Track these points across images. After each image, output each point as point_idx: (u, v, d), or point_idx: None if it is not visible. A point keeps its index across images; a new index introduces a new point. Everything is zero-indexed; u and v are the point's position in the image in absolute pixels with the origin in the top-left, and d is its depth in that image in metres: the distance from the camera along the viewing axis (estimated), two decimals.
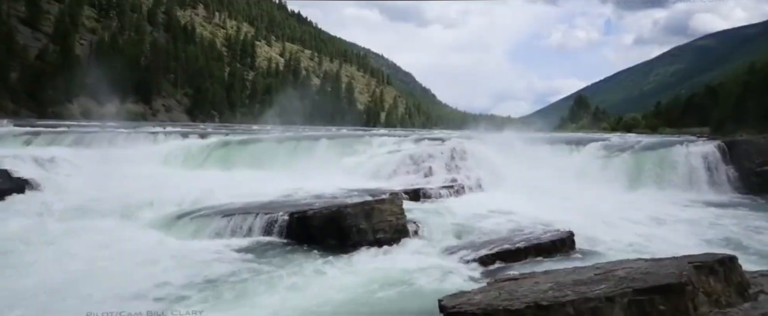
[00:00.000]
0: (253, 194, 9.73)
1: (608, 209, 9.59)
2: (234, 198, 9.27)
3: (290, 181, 12.11)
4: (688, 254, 3.63)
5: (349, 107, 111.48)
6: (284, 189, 10.64)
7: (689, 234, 7.58)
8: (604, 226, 8.07)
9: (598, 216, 8.94)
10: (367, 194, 10.82)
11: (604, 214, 9.16)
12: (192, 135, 15.99)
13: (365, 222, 7.18)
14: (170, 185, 10.83)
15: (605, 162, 14.45)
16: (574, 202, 10.66)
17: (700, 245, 6.91)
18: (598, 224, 8.13)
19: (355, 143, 15.45)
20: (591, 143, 16.28)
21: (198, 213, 8.02)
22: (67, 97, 52.52)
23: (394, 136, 16.55)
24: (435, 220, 8.35)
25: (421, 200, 11.36)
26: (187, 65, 73.89)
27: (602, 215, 9.09)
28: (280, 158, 14.65)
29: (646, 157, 14.26)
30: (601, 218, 8.80)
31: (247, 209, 7.97)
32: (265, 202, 8.92)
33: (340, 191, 10.91)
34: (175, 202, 9.11)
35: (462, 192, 12.18)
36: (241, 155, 14.73)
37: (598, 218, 8.79)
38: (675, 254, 3.95)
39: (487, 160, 13.78)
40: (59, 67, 51.67)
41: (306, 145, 15.37)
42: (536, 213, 8.95)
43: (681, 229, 7.99)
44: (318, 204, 8.30)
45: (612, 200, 11.01)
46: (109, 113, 57.14)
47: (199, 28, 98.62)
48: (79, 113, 52.33)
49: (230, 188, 10.56)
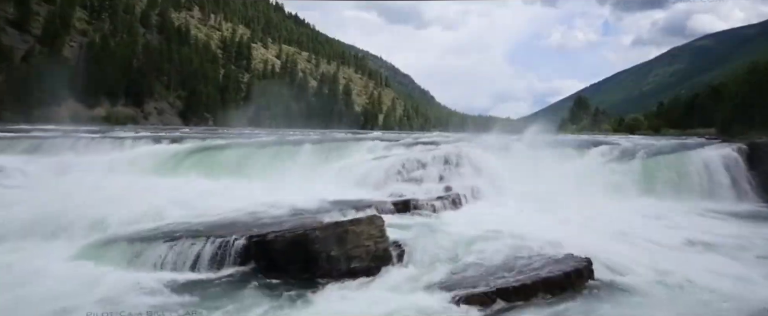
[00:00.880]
0: (218, 208, 8.47)
1: (624, 223, 8.35)
2: (195, 214, 8.03)
3: (266, 191, 10.87)
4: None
5: (346, 109, 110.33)
6: (256, 201, 9.39)
7: (735, 259, 6.27)
8: (624, 246, 6.83)
9: (613, 233, 7.71)
10: (350, 206, 9.58)
11: (620, 229, 7.92)
12: (165, 140, 14.73)
13: (337, 248, 5.92)
14: (128, 198, 9.54)
15: (613, 168, 13.20)
16: (583, 214, 9.43)
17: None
18: (615, 245, 6.89)
19: (342, 148, 14.20)
20: (597, 147, 15.06)
21: (143, 235, 6.76)
22: (54, 101, 51.11)
23: (385, 140, 15.32)
24: (424, 240, 7.10)
25: (412, 212, 10.11)
26: (181, 67, 72.63)
27: (618, 230, 7.85)
28: (259, 164, 13.40)
29: (659, 162, 13.03)
30: (618, 235, 7.57)
31: (198, 231, 6.71)
32: (227, 219, 7.67)
33: (320, 203, 9.67)
34: (125, 219, 7.82)
35: (457, 203, 10.93)
36: (217, 162, 13.47)
37: (614, 235, 7.56)
38: (739, 294, 2.70)
39: (484, 166, 12.54)
40: (46, 70, 50.31)
41: (288, 151, 14.12)
42: (542, 229, 7.72)
43: (720, 251, 6.69)
44: (287, 223, 7.05)
45: (625, 211, 9.77)
46: (98, 116, 55.88)
47: (194, 30, 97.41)
48: (67, 117, 50.92)
49: (196, 200, 9.31)
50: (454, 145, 13.68)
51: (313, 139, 14.91)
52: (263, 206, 8.93)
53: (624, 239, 7.12)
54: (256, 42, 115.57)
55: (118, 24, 74.96)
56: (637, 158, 13.22)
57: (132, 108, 61.14)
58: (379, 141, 14.77)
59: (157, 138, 15.05)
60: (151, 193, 10.17)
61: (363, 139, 15.20)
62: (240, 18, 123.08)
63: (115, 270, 5.91)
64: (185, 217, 7.86)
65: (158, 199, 9.39)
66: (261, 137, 17.16)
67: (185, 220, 7.66)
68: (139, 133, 17.73)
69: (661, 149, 14.01)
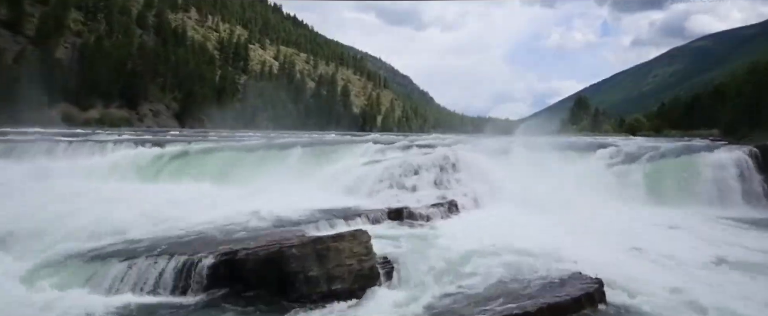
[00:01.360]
0: (193, 219, 7.83)
1: (635, 234, 7.68)
2: (166, 226, 7.37)
3: (250, 198, 10.20)
4: None
5: (344, 111, 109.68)
6: (237, 210, 8.74)
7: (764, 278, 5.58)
8: (638, 262, 6.17)
9: (624, 245, 7.04)
10: (338, 216, 8.93)
11: (632, 242, 7.25)
12: (147, 143, 14.03)
13: (317, 267, 5.26)
14: (99, 207, 8.89)
15: (618, 171, 12.56)
16: (589, 223, 8.77)
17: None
18: (628, 260, 6.22)
19: (333, 152, 13.53)
20: (600, 150, 14.42)
21: (105, 251, 6.09)
22: (46, 103, 50.36)
23: (379, 143, 14.64)
24: (416, 256, 6.44)
25: (405, 221, 9.46)
26: (177, 69, 71.87)
27: (630, 243, 7.18)
28: (245, 169, 12.73)
29: (666, 165, 12.39)
30: (630, 248, 6.89)
31: (165, 247, 6.04)
32: (200, 231, 7.01)
33: (305, 213, 9.02)
34: (89, 231, 7.15)
35: (454, 211, 10.28)
36: (201, 167, 12.79)
37: (626, 248, 6.89)
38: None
39: (482, 170, 11.88)
40: (39, 71, 49.54)
41: (276, 155, 13.45)
42: (545, 241, 7.05)
43: (750, 269, 5.98)
44: (265, 237, 6.38)
45: (635, 219, 9.12)
46: (92, 119, 55.13)
47: (191, 32, 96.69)
48: (59, 119, 50.20)
49: (171, 210, 8.64)
50: (450, 148, 13.02)
51: (303, 143, 14.23)
52: (243, 215, 8.28)
53: (637, 254, 6.46)
54: (253, 43, 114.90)
55: (114, 25, 74.18)
56: (643, 161, 12.57)
57: (126, 110, 60.34)
58: (372, 144, 14.09)
59: (140, 142, 14.36)
60: (125, 201, 9.50)
61: (355, 142, 14.52)
62: (237, 19, 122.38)
63: (67, 292, 5.25)
64: (154, 230, 7.19)
65: (131, 208, 8.73)
66: (249, 140, 16.47)
67: (153, 233, 6.99)
68: (121, 136, 17.05)
69: (667, 152, 13.36)
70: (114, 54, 61.55)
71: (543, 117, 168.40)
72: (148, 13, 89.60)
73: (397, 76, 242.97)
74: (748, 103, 32.06)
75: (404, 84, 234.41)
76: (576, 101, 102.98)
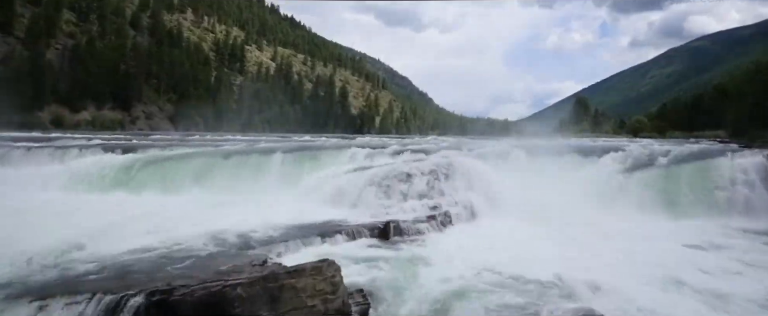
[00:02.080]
0: (143, 240, 6.74)
1: (660, 256, 6.57)
2: (104, 252, 6.27)
3: (221, 211, 9.15)
4: None
5: (342, 112, 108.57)
6: (200, 227, 7.68)
7: None
8: (676, 299, 5.02)
9: (651, 273, 5.85)
10: (315, 232, 7.87)
11: (658, 266, 6.12)
12: (118, 149, 12.92)
13: (268, 311, 4.18)
14: (47, 221, 7.84)
15: (628, 178, 11.49)
16: (602, 241, 7.71)
17: None
18: (664, 296, 5.07)
19: (319, 157, 12.46)
20: (607, 154, 13.36)
21: (14, 288, 5.00)
22: (36, 105, 49.30)
23: (369, 147, 13.57)
24: (401, 287, 5.40)
25: (392, 237, 8.40)
26: (172, 70, 70.78)
27: (656, 269, 6.03)
28: (221, 177, 11.66)
29: (681, 172, 11.32)
30: (661, 277, 5.71)
31: (91, 281, 4.96)
32: (145, 256, 5.92)
33: (279, 228, 7.98)
34: (21, 253, 6.08)
35: (447, 224, 9.22)
36: (172, 175, 11.71)
37: (655, 277, 5.69)
38: None
39: (479, 177, 10.82)
40: (28, 73, 48.48)
41: (256, 161, 12.38)
42: (553, 264, 6.00)
43: None
44: (215, 267, 5.32)
45: (654, 237, 8.04)
46: (83, 121, 54.04)
47: (186, 33, 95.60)
48: (49, 121, 49.15)
49: (125, 226, 7.60)
50: (444, 153, 11.97)
51: (285, 148, 13.17)
52: (206, 234, 7.20)
53: (672, 286, 5.31)
54: (250, 44, 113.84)
55: (107, 26, 73.11)
56: (656, 167, 11.50)
57: (119, 112, 59.25)
58: (361, 149, 13.03)
59: (110, 147, 13.28)
60: (77, 216, 8.44)
61: (342, 147, 13.46)
62: (234, 20, 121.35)
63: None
64: (96, 253, 6.09)
65: (81, 224, 7.69)
66: (229, 145, 15.39)
67: (94, 257, 5.90)
68: (91, 140, 15.98)
69: (680, 157, 12.30)
70: (106, 55, 60.47)
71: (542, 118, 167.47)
72: (142, 14, 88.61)
73: (396, 77, 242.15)
74: (754, 104, 31.16)
75: (403, 85, 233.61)
76: (575, 102, 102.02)
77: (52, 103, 51.90)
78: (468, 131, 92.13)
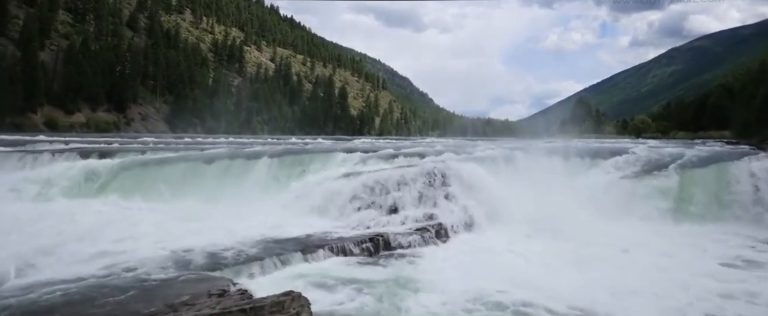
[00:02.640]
0: (100, 261, 5.99)
1: (694, 279, 5.68)
2: (54, 270, 5.54)
3: (197, 222, 8.41)
4: None
5: (341, 113, 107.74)
6: (167, 243, 6.95)
7: None
8: None
9: (694, 306, 4.82)
10: (295, 247, 7.11)
11: (699, 296, 5.07)
12: (96, 154, 12.15)
13: None
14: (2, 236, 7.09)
15: (637, 184, 10.72)
16: (618, 256, 6.92)
17: None
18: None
19: (307, 162, 11.70)
20: (614, 157, 12.59)
21: None
22: (29, 106, 48.58)
23: (361, 151, 12.80)
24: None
25: (381, 252, 7.65)
26: (168, 71, 70.05)
27: (699, 300, 4.99)
28: (203, 183, 10.91)
29: (695, 177, 10.55)
30: (691, 305, 4.81)
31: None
32: (81, 285, 5.16)
33: (256, 244, 7.23)
34: None
35: (443, 236, 8.46)
36: (153, 181, 10.96)
37: (694, 312, 4.72)
38: None
39: (478, 184, 10.05)
40: (21, 74, 47.74)
41: (241, 166, 11.62)
42: (568, 289, 5.24)
43: None
44: (165, 297, 4.56)
45: (675, 250, 7.25)
46: (77, 123, 53.30)
47: (185, 33, 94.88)
48: (42, 123, 48.44)
49: (81, 243, 6.84)
50: (440, 158, 11.21)
51: (274, 152, 12.40)
52: (169, 253, 6.46)
53: None
54: (249, 45, 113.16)
55: (103, 27, 72.39)
56: (668, 172, 10.72)
57: (114, 114, 58.49)
58: (352, 153, 12.26)
59: (87, 152, 12.52)
60: (37, 229, 7.68)
61: (334, 150, 12.69)
62: (233, 21, 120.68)
63: None
64: (36, 278, 5.35)
65: (37, 239, 6.92)
66: (215, 149, 14.62)
67: (32, 283, 5.16)
68: (68, 144, 15.23)
69: (694, 161, 11.52)
70: (101, 56, 59.72)
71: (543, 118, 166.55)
72: (140, 14, 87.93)
73: (397, 77, 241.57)
74: (763, 104, 30.36)
75: (403, 86, 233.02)
76: (576, 102, 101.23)
77: (45, 105, 51.16)
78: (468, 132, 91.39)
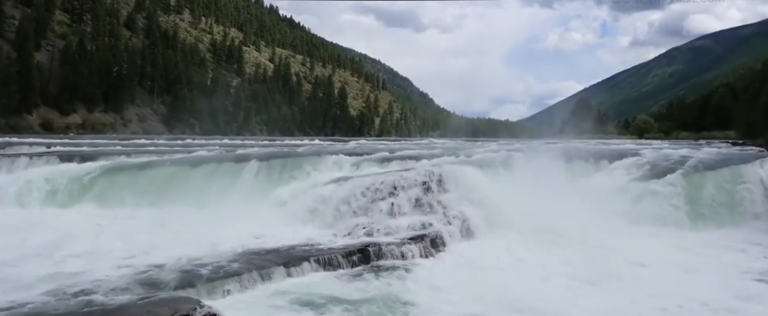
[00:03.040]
0: (58, 280, 5.44)
1: (735, 302, 5.08)
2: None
3: (168, 233, 7.84)
4: None
5: (341, 113, 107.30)
6: (136, 259, 6.41)
7: None
8: None
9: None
10: (277, 260, 6.56)
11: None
12: (77, 158, 11.59)
13: None
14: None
15: (646, 189, 10.15)
16: (635, 271, 6.34)
17: None
18: None
19: (297, 166, 11.14)
20: (619, 160, 12.06)
21: None
22: (24, 107, 48.10)
23: (355, 154, 12.25)
24: None
25: (372, 263, 7.10)
26: (166, 71, 69.54)
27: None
28: (186, 188, 10.36)
29: (706, 181, 10.00)
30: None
31: None
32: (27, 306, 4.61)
33: (236, 255, 6.70)
34: None
35: (439, 245, 7.90)
36: (134, 186, 10.41)
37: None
38: None
39: (476, 189, 9.49)
40: (16, 75, 47.25)
41: (228, 170, 11.07)
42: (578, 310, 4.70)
43: None
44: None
45: (696, 264, 6.68)
46: (74, 124, 52.81)
47: (183, 34, 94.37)
48: (37, 125, 47.95)
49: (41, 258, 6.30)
50: (437, 161, 10.65)
51: (263, 155, 11.86)
52: (134, 268, 5.92)
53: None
54: (248, 45, 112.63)
55: (101, 27, 71.89)
56: (677, 176, 10.16)
57: (111, 115, 58.00)
58: (345, 156, 11.71)
59: (68, 155, 11.98)
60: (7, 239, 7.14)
61: (325, 152, 12.13)
62: (232, 21, 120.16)
63: None
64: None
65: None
66: (203, 151, 14.07)
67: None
68: (50, 148, 14.69)
69: (704, 163, 10.97)
70: (98, 57, 59.23)
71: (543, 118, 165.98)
72: (138, 15, 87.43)
73: (397, 78, 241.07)
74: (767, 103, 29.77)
75: (404, 86, 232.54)
76: (577, 102, 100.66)
77: (41, 106, 50.70)
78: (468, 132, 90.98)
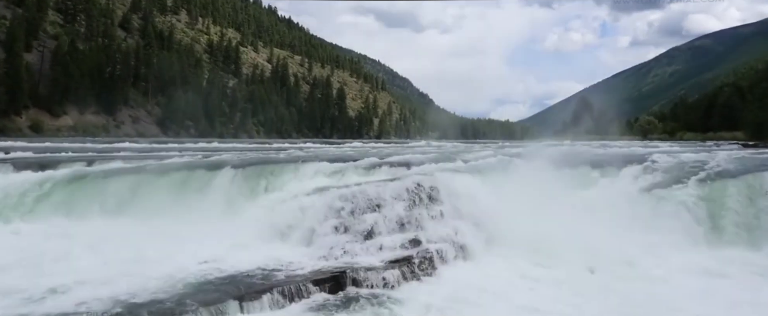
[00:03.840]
0: None
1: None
2: None
3: (117, 254, 6.84)
4: None
5: (339, 114, 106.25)
6: (59, 293, 5.43)
7: None
8: None
9: None
10: (234, 291, 5.56)
11: None
12: (35, 166, 10.59)
13: None
14: None
15: (660, 199, 9.15)
16: (662, 305, 5.36)
17: None
18: None
19: (275, 174, 10.13)
20: (629, 166, 11.06)
21: None
22: (13, 109, 47.05)
23: (339, 161, 11.24)
24: None
25: (349, 290, 6.14)
26: (160, 72, 68.46)
27: None
28: (152, 200, 9.36)
29: (726, 190, 8.99)
30: None
31: None
32: None
33: (186, 289, 5.70)
34: None
35: (428, 269, 6.89)
36: (96, 197, 9.41)
37: None
38: None
39: (470, 201, 8.50)
40: (4, 76, 46.22)
41: (200, 178, 10.07)
42: None
43: None
44: None
45: (734, 298, 5.69)
46: (65, 126, 51.78)
47: (179, 35, 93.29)
48: (27, 127, 46.92)
49: None
50: (428, 169, 9.64)
51: (239, 162, 10.86)
52: (53, 308, 4.92)
53: None
54: (245, 46, 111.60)
55: (94, 28, 70.81)
56: (694, 183, 9.16)
57: (103, 116, 56.92)
58: (328, 163, 10.70)
59: (24, 163, 10.97)
60: None
61: (308, 160, 11.12)
62: (229, 21, 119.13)
63: None
64: None
65: None
66: (175, 157, 13.05)
67: None
68: (9, 153, 13.69)
69: (721, 170, 9.97)
70: (90, 57, 58.14)
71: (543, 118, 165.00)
72: (134, 15, 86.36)
73: (397, 78, 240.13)
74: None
75: (403, 87, 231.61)
76: (578, 102, 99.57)
77: (31, 108, 49.63)
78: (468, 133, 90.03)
